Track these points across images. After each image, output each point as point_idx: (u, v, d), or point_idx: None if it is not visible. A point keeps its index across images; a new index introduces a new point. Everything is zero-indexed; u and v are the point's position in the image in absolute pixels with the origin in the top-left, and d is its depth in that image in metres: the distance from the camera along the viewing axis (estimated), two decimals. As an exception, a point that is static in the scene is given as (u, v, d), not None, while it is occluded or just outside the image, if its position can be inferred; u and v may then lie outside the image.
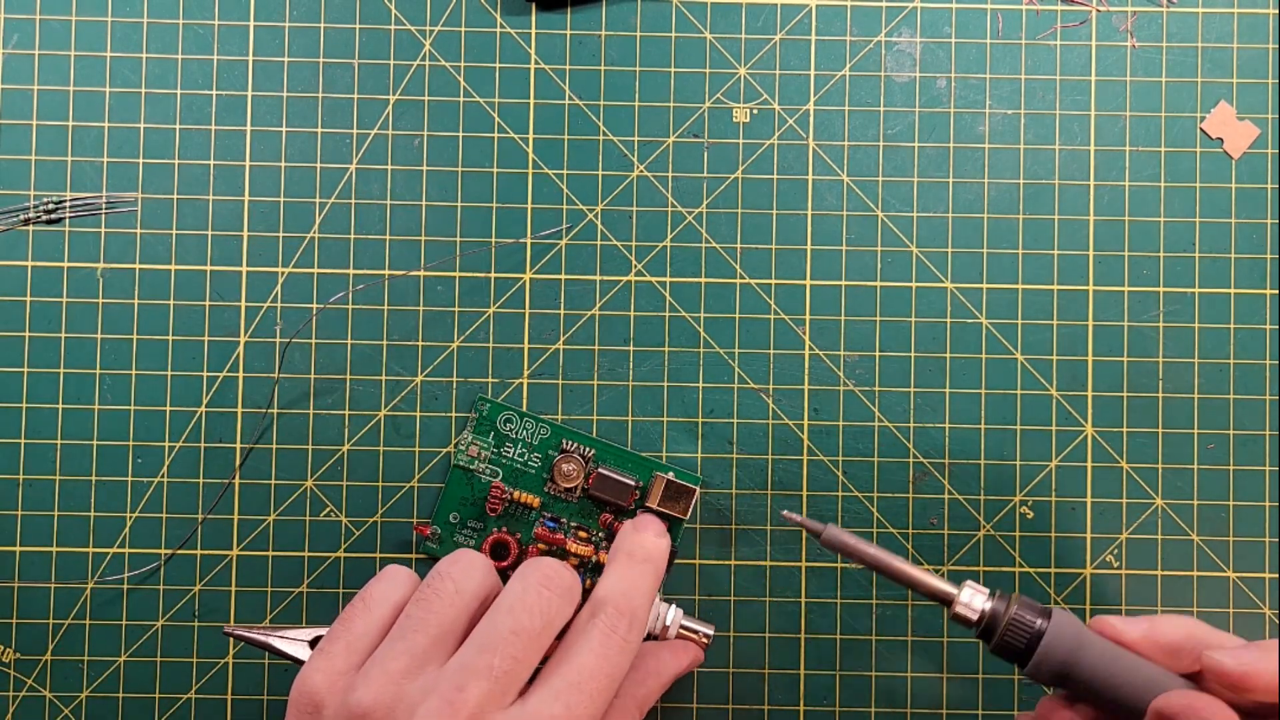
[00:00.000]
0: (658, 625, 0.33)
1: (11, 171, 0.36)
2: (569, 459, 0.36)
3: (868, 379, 0.37)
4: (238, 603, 0.36)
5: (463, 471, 0.36)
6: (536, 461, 0.36)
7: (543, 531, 0.35)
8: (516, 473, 0.36)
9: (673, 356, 0.37)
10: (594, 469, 0.36)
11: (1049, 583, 0.36)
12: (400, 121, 0.37)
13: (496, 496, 0.35)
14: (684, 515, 0.35)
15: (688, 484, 0.35)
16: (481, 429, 0.36)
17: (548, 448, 0.36)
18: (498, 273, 0.37)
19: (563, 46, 0.37)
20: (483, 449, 0.36)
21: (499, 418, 0.36)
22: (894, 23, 0.37)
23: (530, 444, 0.36)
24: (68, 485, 0.36)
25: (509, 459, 0.36)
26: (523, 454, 0.36)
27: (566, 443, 0.36)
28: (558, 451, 0.36)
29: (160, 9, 0.37)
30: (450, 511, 0.36)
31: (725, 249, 0.37)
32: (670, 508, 0.35)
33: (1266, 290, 0.37)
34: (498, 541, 0.36)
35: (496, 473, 0.36)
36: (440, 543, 0.36)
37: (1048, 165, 0.37)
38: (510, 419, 0.36)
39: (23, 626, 0.36)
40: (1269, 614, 0.36)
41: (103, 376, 0.36)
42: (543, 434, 0.36)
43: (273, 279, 0.36)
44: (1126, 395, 0.36)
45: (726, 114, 0.37)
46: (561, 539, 0.35)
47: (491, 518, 0.36)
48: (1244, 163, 0.37)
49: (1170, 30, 0.37)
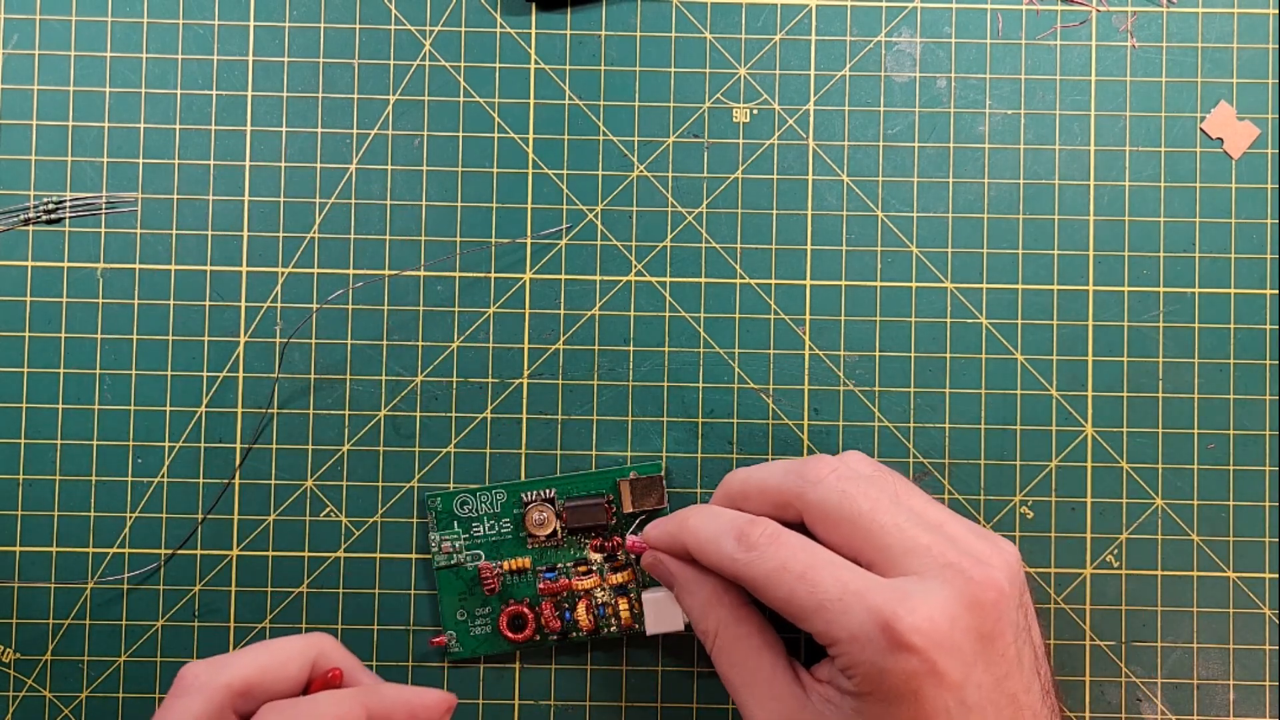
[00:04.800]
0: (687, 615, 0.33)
1: (11, 171, 0.36)
2: (535, 508, 0.36)
3: (868, 379, 0.37)
4: (237, 603, 0.36)
5: (448, 571, 0.36)
6: (508, 526, 0.36)
7: (546, 585, 0.35)
8: (495, 545, 0.36)
9: (673, 356, 0.37)
10: (562, 506, 0.36)
11: (1049, 583, 0.36)
12: (400, 121, 0.37)
13: (489, 576, 0.35)
14: (662, 504, 0.35)
15: (651, 475, 0.35)
16: (444, 522, 0.36)
17: (512, 509, 0.36)
18: (498, 273, 0.37)
19: (563, 46, 0.37)
20: (454, 540, 0.36)
21: (454, 504, 0.36)
22: (894, 23, 0.37)
23: (494, 513, 0.36)
24: (68, 485, 0.36)
25: (482, 537, 0.36)
26: (492, 526, 0.36)
27: (525, 495, 0.36)
28: (521, 508, 0.36)
29: (160, 9, 0.37)
30: (454, 612, 0.36)
31: (725, 249, 0.37)
32: (646, 504, 0.35)
33: (1266, 290, 0.37)
34: (513, 615, 0.36)
35: (478, 555, 0.36)
36: (462, 645, 0.36)
37: (1048, 165, 0.37)
38: (465, 500, 0.36)
39: (23, 626, 0.36)
40: (1269, 614, 0.36)
41: (103, 376, 0.36)
42: (500, 499, 0.36)
43: (273, 279, 0.36)
44: (1126, 395, 0.36)
45: (726, 114, 0.37)
46: (566, 583, 0.35)
47: (494, 597, 0.36)
48: (1244, 163, 0.37)
49: (1170, 30, 0.37)
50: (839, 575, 0.29)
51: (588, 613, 0.35)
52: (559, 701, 0.36)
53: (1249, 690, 0.36)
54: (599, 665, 0.36)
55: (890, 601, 0.27)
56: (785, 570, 0.29)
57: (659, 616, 0.34)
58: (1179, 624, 0.36)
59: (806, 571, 0.29)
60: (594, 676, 0.36)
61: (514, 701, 0.36)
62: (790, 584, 0.29)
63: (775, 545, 0.30)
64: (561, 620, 0.35)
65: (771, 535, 0.30)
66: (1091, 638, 0.36)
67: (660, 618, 0.34)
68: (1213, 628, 0.36)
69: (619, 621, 0.36)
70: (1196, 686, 0.36)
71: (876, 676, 0.27)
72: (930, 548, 0.29)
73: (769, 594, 0.29)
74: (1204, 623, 0.36)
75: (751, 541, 0.30)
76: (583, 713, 0.36)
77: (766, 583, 0.29)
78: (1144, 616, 0.36)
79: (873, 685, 0.28)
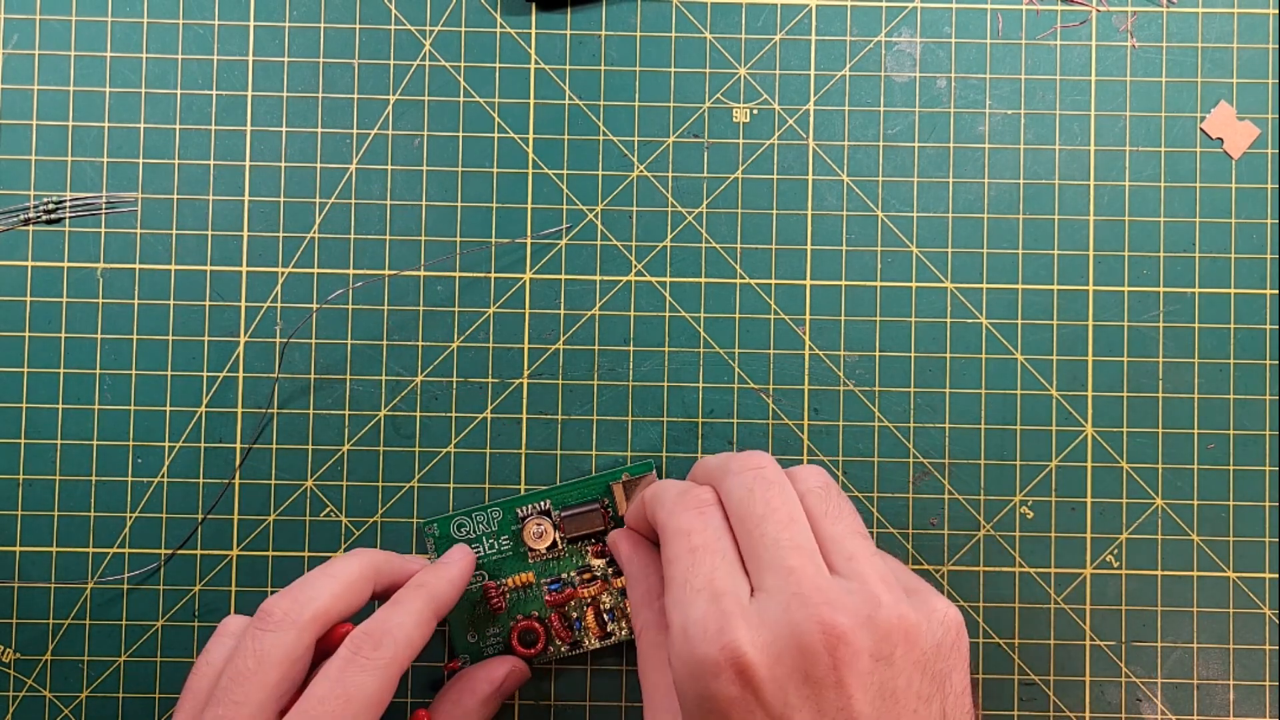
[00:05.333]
0: None
1: (11, 171, 0.36)
2: (533, 522, 0.36)
3: (868, 379, 0.37)
4: (238, 603, 0.36)
5: None
6: (507, 543, 0.36)
7: (552, 597, 0.35)
8: (497, 563, 0.36)
9: (673, 356, 0.37)
10: (558, 516, 0.36)
11: (1049, 583, 0.36)
12: (400, 121, 0.37)
13: (494, 595, 0.35)
14: None
15: (643, 475, 0.35)
16: (443, 548, 0.36)
17: (509, 525, 0.36)
18: (498, 273, 0.37)
19: (563, 46, 0.37)
20: None
21: (451, 527, 0.36)
22: (894, 23, 0.37)
23: (492, 532, 0.36)
24: (68, 485, 0.36)
25: (483, 557, 0.36)
26: (491, 545, 0.36)
27: (521, 510, 0.36)
28: (519, 523, 0.36)
29: (160, 9, 0.37)
30: (465, 634, 0.36)
31: (725, 249, 0.37)
32: None
33: (1266, 290, 0.37)
34: (523, 630, 0.35)
35: (481, 575, 0.36)
36: None
37: (1048, 165, 0.37)
38: (462, 523, 0.36)
39: (23, 626, 0.36)
40: (1269, 614, 0.36)
41: (103, 376, 0.36)
42: (496, 517, 0.36)
43: (273, 279, 0.36)
44: (1126, 395, 0.36)
45: (726, 114, 0.37)
46: (572, 592, 0.35)
47: (502, 615, 0.36)
48: (1244, 163, 0.37)
49: (1170, 30, 0.37)
50: (717, 566, 0.27)
51: (596, 619, 0.36)
52: (558, 702, 0.36)
53: (1249, 690, 0.36)
54: (601, 666, 0.36)
55: (732, 612, 0.26)
56: (686, 535, 0.28)
57: None
58: (1179, 624, 0.36)
59: (700, 546, 0.28)
60: (593, 678, 0.36)
61: (514, 702, 0.36)
62: (680, 550, 0.28)
63: (699, 512, 0.29)
64: (571, 631, 0.35)
65: (703, 502, 0.29)
66: (1091, 638, 0.36)
67: None
68: (1213, 628, 0.36)
69: (629, 623, 0.36)
70: (1196, 686, 0.36)
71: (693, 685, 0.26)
72: (793, 572, 0.26)
73: (663, 549, 0.29)
74: (1204, 623, 0.36)
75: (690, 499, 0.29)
76: (582, 713, 0.36)
77: (665, 536, 0.29)
78: (1144, 616, 0.36)
79: (691, 700, 0.26)
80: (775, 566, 0.27)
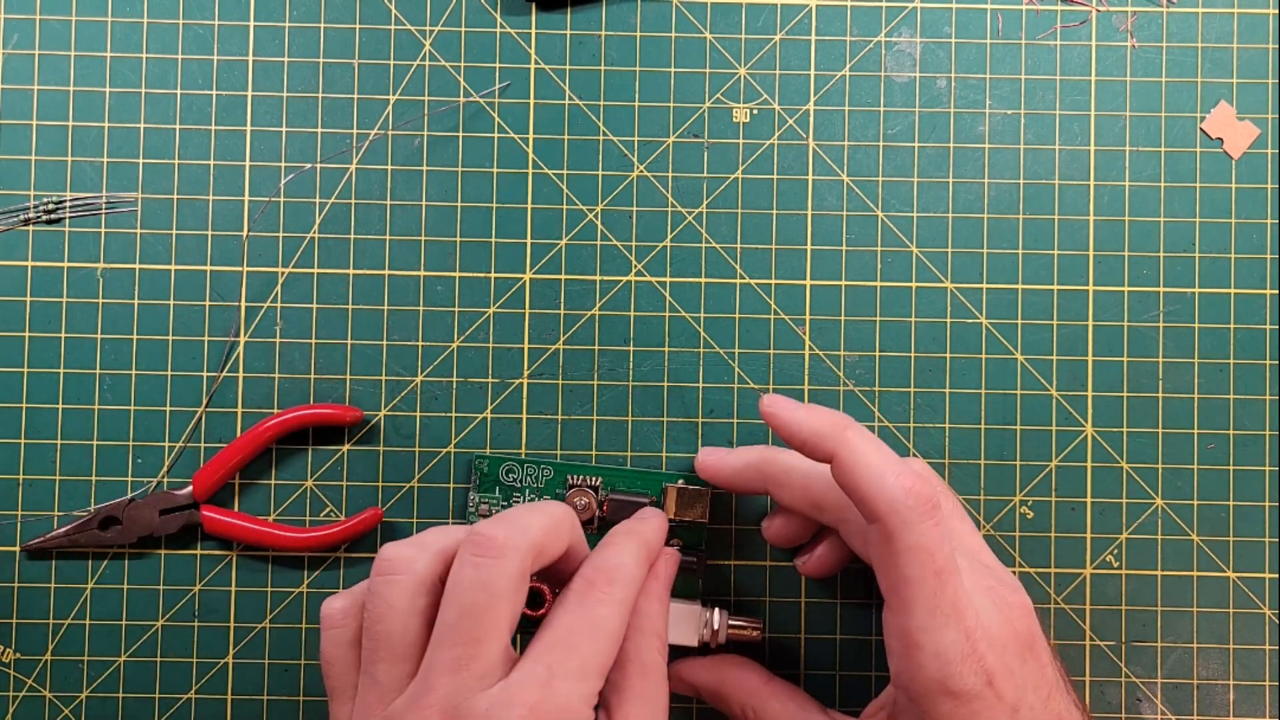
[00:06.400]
0: (706, 630, 0.34)
1: (11, 171, 0.36)
2: (580, 493, 0.35)
3: (868, 379, 0.37)
4: (238, 603, 0.36)
5: None
6: None
7: None
8: None
9: (673, 356, 0.37)
10: (605, 496, 0.35)
11: (1049, 583, 0.36)
12: (400, 121, 0.37)
13: None
14: (704, 519, 0.35)
15: (698, 487, 0.35)
16: (486, 486, 0.36)
17: (554, 487, 0.36)
18: (497, 273, 0.37)
19: (563, 46, 0.37)
20: (492, 504, 0.36)
21: (500, 470, 0.36)
22: (894, 23, 0.37)
23: (537, 488, 0.36)
24: (68, 485, 0.36)
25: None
26: (532, 499, 0.36)
27: (572, 478, 0.36)
28: (565, 489, 0.36)
29: (160, 9, 0.37)
30: None
31: (725, 249, 0.37)
32: (688, 514, 0.35)
33: (1266, 290, 0.37)
34: (532, 592, 0.34)
35: None
36: None
37: (1048, 165, 0.37)
38: (511, 469, 0.36)
39: (23, 626, 0.36)
40: (1269, 614, 0.36)
41: (103, 376, 0.36)
42: (546, 475, 0.36)
43: (273, 279, 0.36)
44: (1126, 395, 0.36)
45: (726, 114, 0.37)
46: None
47: None
48: (1244, 163, 0.37)
49: (1170, 30, 0.37)
50: (959, 590, 0.28)
51: None
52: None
53: (1249, 690, 0.36)
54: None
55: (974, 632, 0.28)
56: (930, 556, 0.28)
57: (674, 628, 0.34)
58: (1179, 624, 0.36)
59: (945, 569, 0.28)
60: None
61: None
62: (924, 571, 0.28)
63: (935, 524, 0.28)
64: None
65: (934, 507, 0.28)
66: (1091, 638, 0.36)
67: (675, 629, 0.34)
68: (1213, 628, 0.36)
69: None
70: (1196, 686, 0.36)
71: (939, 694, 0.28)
72: (969, 571, 0.29)
73: (896, 558, 0.28)
74: (1204, 623, 0.36)
75: (931, 503, 0.28)
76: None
77: (898, 545, 0.28)
78: (1144, 616, 0.36)
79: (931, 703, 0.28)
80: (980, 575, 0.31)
